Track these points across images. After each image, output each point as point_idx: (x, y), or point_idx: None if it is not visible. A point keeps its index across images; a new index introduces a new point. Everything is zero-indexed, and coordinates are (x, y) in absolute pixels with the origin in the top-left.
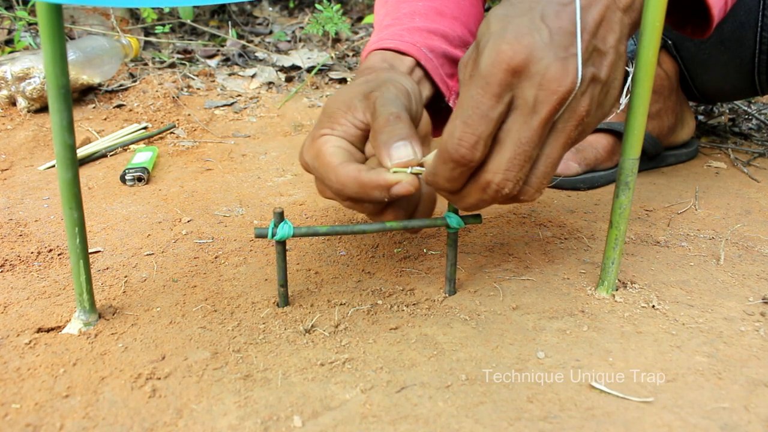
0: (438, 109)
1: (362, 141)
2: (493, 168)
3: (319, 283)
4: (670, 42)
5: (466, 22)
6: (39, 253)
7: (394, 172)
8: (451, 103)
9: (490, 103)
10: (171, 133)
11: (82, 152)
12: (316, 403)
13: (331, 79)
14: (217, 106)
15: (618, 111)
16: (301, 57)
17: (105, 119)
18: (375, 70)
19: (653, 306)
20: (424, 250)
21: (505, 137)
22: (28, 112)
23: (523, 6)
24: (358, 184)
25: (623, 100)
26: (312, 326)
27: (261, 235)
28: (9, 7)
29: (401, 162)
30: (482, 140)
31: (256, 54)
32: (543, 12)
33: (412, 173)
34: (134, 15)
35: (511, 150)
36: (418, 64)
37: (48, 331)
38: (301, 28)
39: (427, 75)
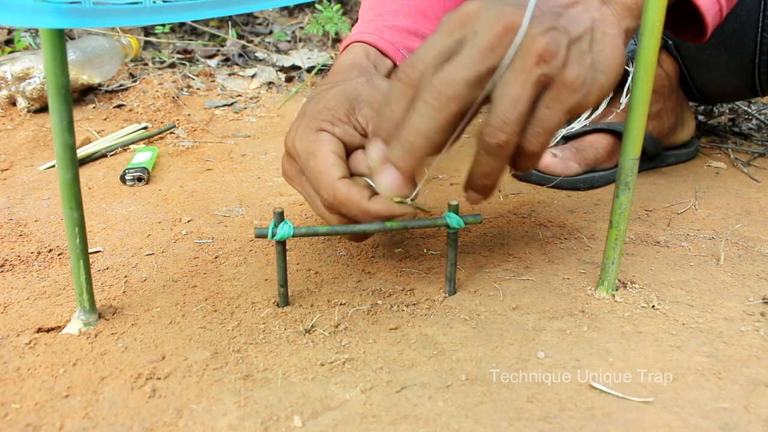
0: None
1: (355, 148)
2: (437, 74)
3: (319, 283)
4: (670, 42)
5: None
6: (39, 253)
7: (398, 202)
8: None
9: (438, 36)
10: (171, 133)
11: (82, 152)
12: (316, 403)
13: None
14: (217, 106)
15: (618, 111)
16: (301, 57)
17: (105, 119)
18: (366, 70)
19: (653, 306)
20: (424, 250)
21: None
22: (28, 112)
23: None
24: (361, 211)
25: (623, 100)
26: (312, 326)
27: (261, 235)
28: None
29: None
30: (423, 62)
31: (256, 54)
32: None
33: (411, 204)
34: None
35: (454, 62)
36: (395, 65)
37: (48, 331)
38: (301, 28)
39: None
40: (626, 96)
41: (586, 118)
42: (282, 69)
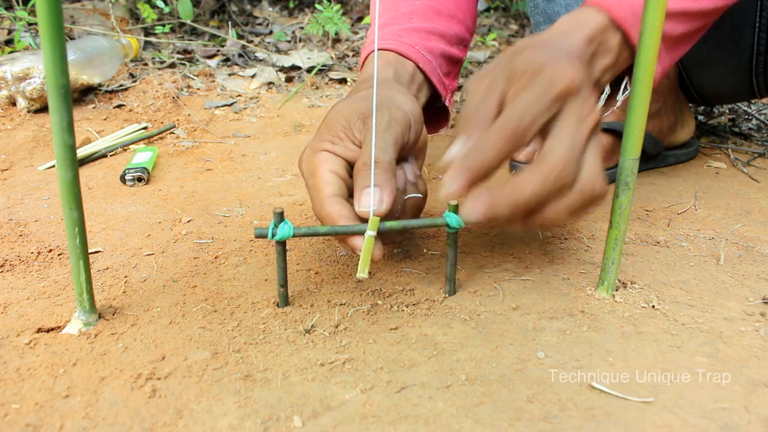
0: (435, 108)
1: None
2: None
3: (319, 283)
4: None
5: (463, 19)
6: (39, 253)
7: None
8: (447, 103)
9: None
10: (171, 133)
11: (82, 152)
12: (316, 403)
13: (331, 80)
14: (217, 106)
15: (614, 109)
16: (301, 57)
17: (105, 119)
18: (385, 77)
19: (653, 306)
20: (424, 250)
21: None
22: (28, 112)
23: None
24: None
25: (620, 98)
26: (312, 326)
27: (261, 235)
28: (9, 7)
29: (364, 211)
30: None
31: (256, 54)
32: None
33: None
34: (134, 15)
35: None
36: (418, 67)
37: (48, 331)
38: (301, 28)
39: (426, 77)
40: (622, 93)
41: None
42: (282, 69)
